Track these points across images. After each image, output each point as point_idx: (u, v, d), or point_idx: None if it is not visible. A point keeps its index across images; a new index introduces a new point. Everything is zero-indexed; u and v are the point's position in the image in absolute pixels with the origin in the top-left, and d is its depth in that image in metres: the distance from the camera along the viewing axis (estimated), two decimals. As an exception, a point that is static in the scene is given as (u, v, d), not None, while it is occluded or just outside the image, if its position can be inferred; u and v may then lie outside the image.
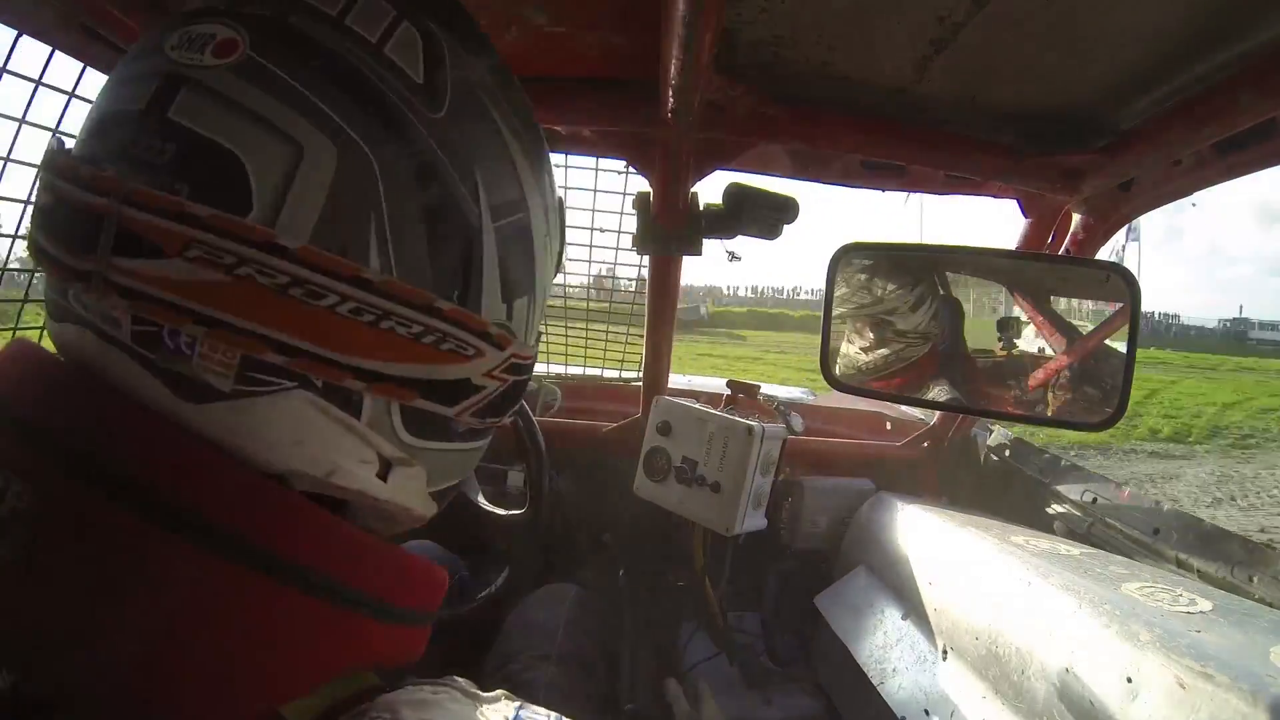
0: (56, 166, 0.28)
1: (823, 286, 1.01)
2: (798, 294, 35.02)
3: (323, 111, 0.27)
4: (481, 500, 1.03)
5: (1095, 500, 1.10)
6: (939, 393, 1.13)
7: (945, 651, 0.89)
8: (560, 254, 0.40)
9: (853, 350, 1.11)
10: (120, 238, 0.26)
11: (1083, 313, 1.09)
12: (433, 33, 0.30)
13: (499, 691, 0.37)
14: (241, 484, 0.27)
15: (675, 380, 1.71)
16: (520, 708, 0.35)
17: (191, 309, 0.26)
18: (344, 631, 0.30)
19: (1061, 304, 1.10)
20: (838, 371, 1.08)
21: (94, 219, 0.26)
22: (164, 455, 0.27)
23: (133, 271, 0.26)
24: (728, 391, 1.17)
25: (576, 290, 1.48)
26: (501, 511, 1.03)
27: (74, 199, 0.27)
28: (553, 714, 0.36)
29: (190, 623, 0.26)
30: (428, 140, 0.28)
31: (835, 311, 1.05)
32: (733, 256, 1.00)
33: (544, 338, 1.64)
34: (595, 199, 1.15)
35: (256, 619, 0.27)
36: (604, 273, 1.39)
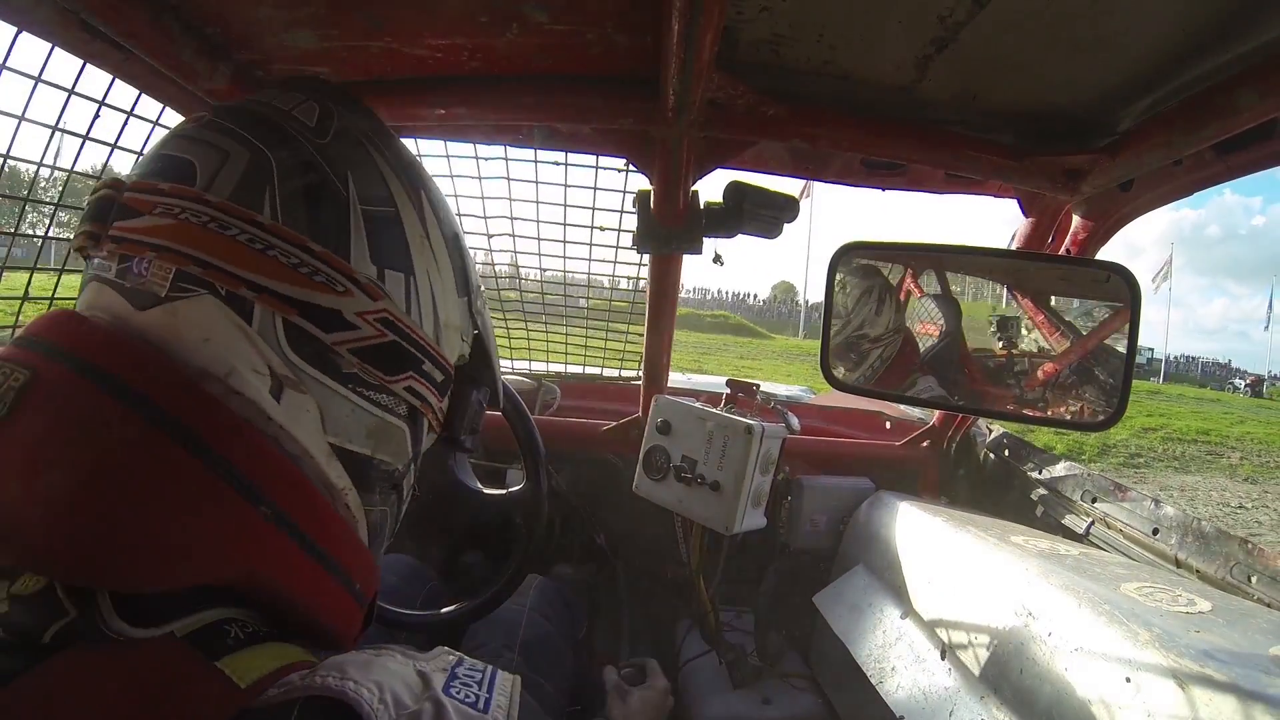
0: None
1: (740, 290, 1.01)
2: (708, 295, 34.13)
3: (242, 135, 0.42)
4: (479, 486, 1.03)
5: (1095, 500, 1.11)
6: (939, 392, 1.13)
7: (944, 651, 0.89)
8: (466, 290, 0.51)
9: (846, 344, 1.11)
10: (120, 211, 0.40)
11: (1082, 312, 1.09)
12: (328, 107, 0.46)
13: (438, 649, 0.43)
14: (173, 373, 0.37)
15: (675, 379, 1.71)
16: (458, 662, 0.42)
17: (150, 243, 0.39)
18: (243, 522, 0.36)
19: (1061, 303, 1.10)
20: (838, 372, 1.08)
21: (108, 201, 0.41)
22: (121, 351, 0.37)
23: (123, 228, 0.40)
24: (727, 390, 1.17)
25: (576, 289, 1.47)
26: (501, 491, 1.03)
27: (98, 195, 0.42)
28: (487, 671, 0.42)
29: (112, 469, 0.34)
30: (311, 152, 0.42)
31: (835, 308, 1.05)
32: (717, 259, 1.00)
33: (545, 337, 1.65)
34: (595, 197, 1.15)
35: (169, 480, 0.35)
36: (603, 271, 1.39)
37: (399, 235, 0.44)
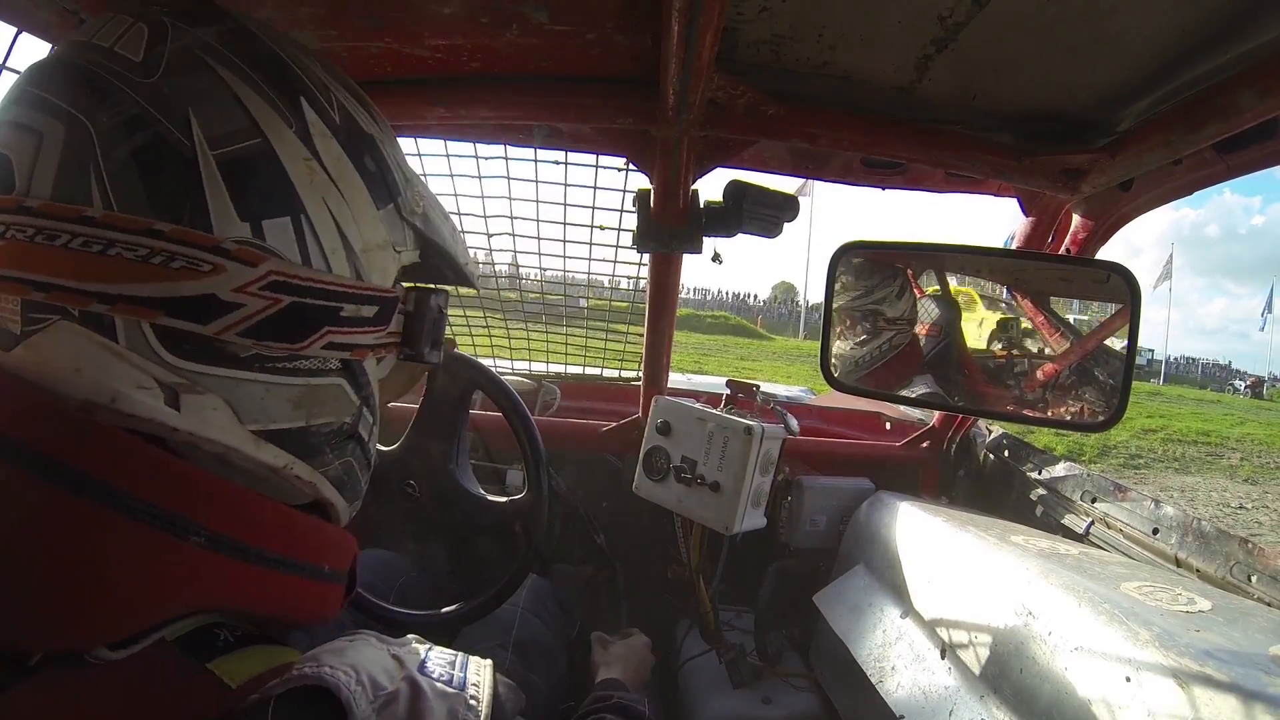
0: None
1: (740, 290, 1.01)
2: (708, 295, 33.28)
3: (53, 103, 0.34)
4: (480, 491, 1.03)
5: (1095, 500, 1.11)
6: (939, 393, 1.13)
7: (944, 651, 0.89)
8: (390, 191, 0.43)
9: (848, 347, 1.11)
10: None
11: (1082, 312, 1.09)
12: (162, 23, 0.37)
13: (410, 636, 0.42)
14: (52, 414, 0.32)
15: (675, 379, 1.71)
16: (429, 648, 0.41)
17: None
18: (175, 558, 0.33)
19: (1061, 304, 1.10)
20: (837, 372, 1.08)
21: None
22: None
23: None
24: (727, 391, 1.17)
25: (576, 289, 1.47)
26: (503, 499, 1.03)
27: None
28: (459, 654, 0.41)
29: (29, 543, 0.31)
30: (135, 99, 0.34)
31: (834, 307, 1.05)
32: (716, 258, 1.00)
33: (545, 337, 1.65)
34: (595, 197, 1.15)
35: (90, 541, 0.31)
36: (603, 271, 1.39)
37: (273, 171, 0.36)
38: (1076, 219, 0.98)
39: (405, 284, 0.46)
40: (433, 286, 0.47)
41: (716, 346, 17.28)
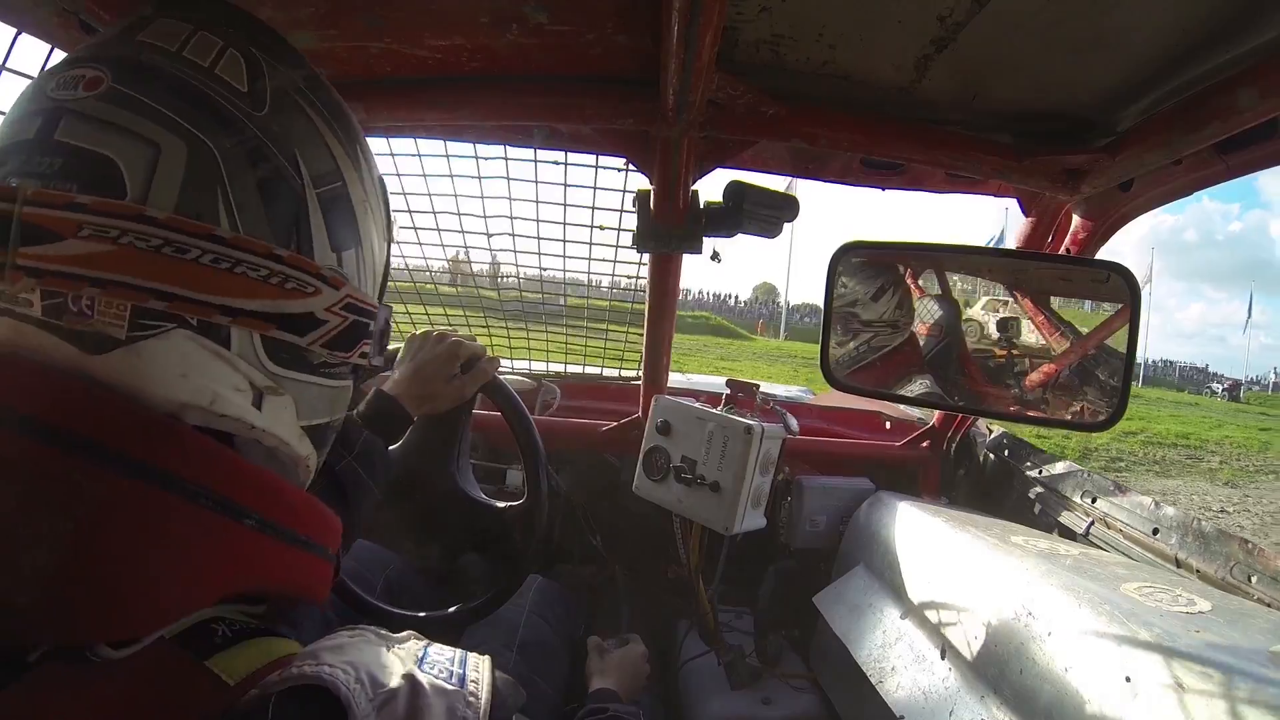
0: None
1: (721, 291, 1.01)
2: (689, 295, 31.97)
3: (170, 118, 0.35)
4: (480, 495, 1.03)
5: (1095, 500, 1.11)
6: (939, 392, 1.13)
7: (944, 651, 0.89)
8: (387, 223, 0.49)
9: (848, 347, 1.11)
10: (25, 231, 0.33)
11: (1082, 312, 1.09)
12: (253, 55, 0.39)
13: (408, 632, 0.44)
14: (137, 417, 0.34)
15: (675, 379, 1.71)
16: (427, 645, 0.43)
17: (88, 275, 0.33)
18: (232, 540, 0.36)
19: (1061, 304, 1.10)
20: (837, 372, 1.08)
21: (3, 222, 0.33)
22: (69, 400, 0.33)
23: (38, 255, 0.33)
24: (727, 391, 1.17)
25: (576, 289, 1.47)
26: (501, 504, 1.03)
27: None
28: (458, 651, 0.43)
29: (95, 533, 0.32)
30: (254, 131, 0.37)
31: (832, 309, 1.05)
32: (715, 257, 1.00)
33: (545, 337, 1.65)
34: (595, 197, 1.15)
35: (154, 526, 0.33)
36: (603, 271, 1.39)
37: (349, 211, 0.42)
38: (1076, 219, 0.98)
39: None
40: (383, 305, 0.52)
41: (697, 346, 17.25)
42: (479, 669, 0.42)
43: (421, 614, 1.01)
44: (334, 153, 0.41)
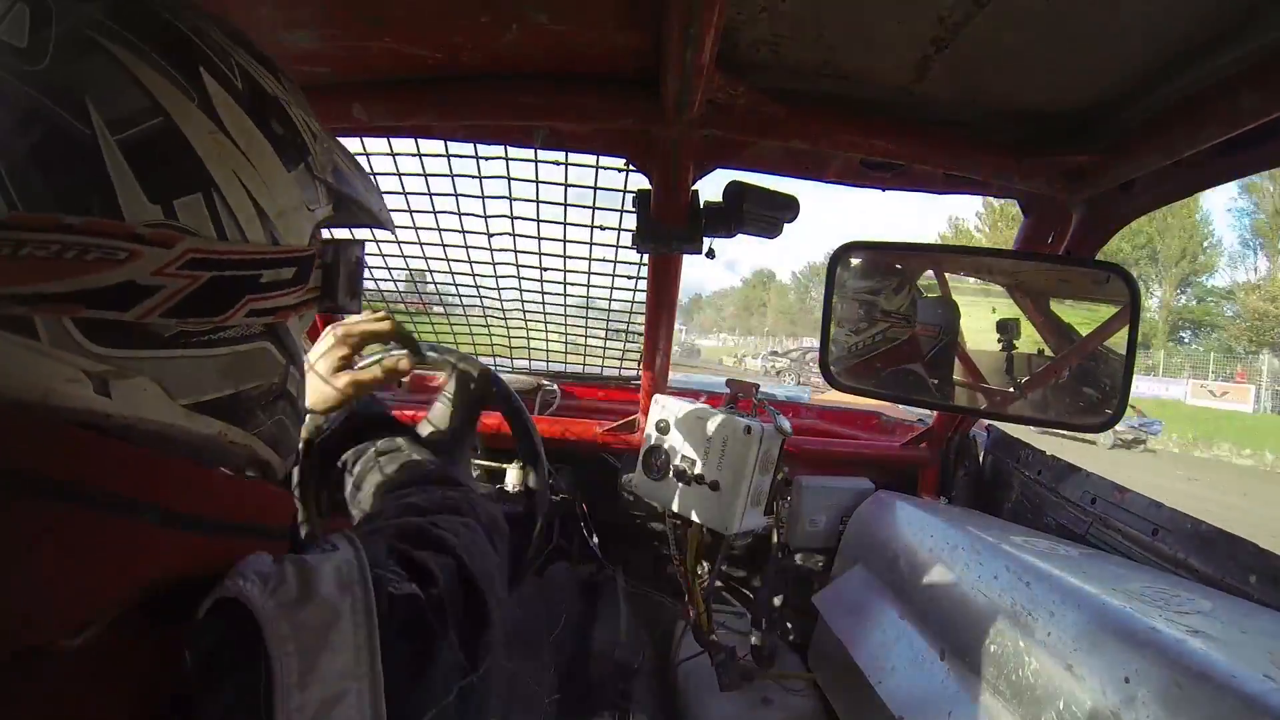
0: None
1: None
2: None
3: None
4: (480, 493, 1.03)
5: (1095, 500, 1.10)
6: (939, 393, 1.13)
7: (944, 651, 0.89)
8: (301, 150, 0.42)
9: (843, 336, 1.11)
10: None
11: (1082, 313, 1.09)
12: (42, 1, 0.34)
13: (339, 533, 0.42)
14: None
15: (675, 379, 1.71)
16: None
17: None
18: (132, 538, 0.34)
19: (1061, 304, 1.10)
20: (837, 371, 1.08)
21: None
22: None
23: None
24: (727, 391, 1.17)
25: (576, 289, 1.47)
26: (501, 501, 1.02)
27: None
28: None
29: None
30: (25, 91, 0.33)
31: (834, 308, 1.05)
32: (710, 254, 1.00)
33: (544, 337, 1.64)
34: (595, 197, 1.15)
35: (24, 533, 0.31)
36: (604, 271, 1.39)
37: (179, 148, 0.36)
38: (1076, 219, 0.98)
39: (323, 238, 0.47)
40: (351, 239, 0.48)
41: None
42: (347, 540, 0.42)
43: None
44: (148, 85, 0.35)
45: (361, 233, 0.94)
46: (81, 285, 0.33)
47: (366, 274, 1.08)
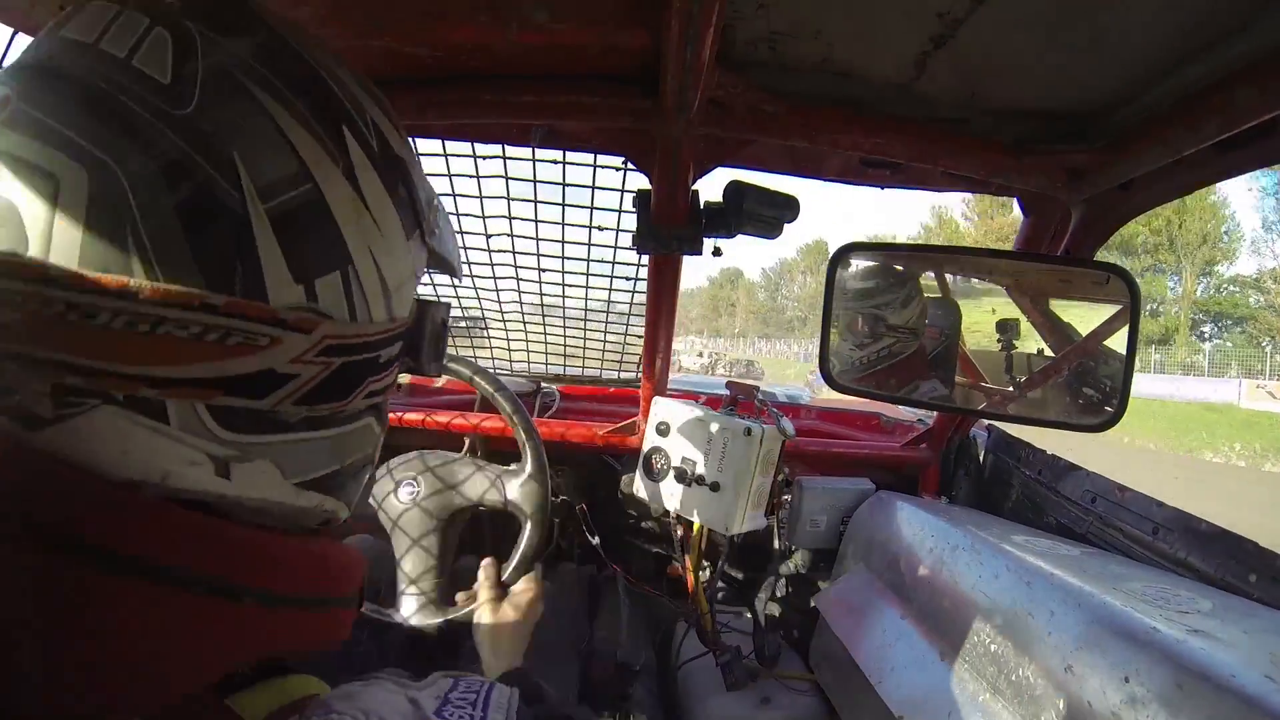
0: None
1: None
2: None
3: (71, 140, 0.28)
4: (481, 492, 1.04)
5: (1095, 500, 1.10)
6: (939, 393, 1.13)
7: (944, 651, 0.89)
8: (416, 216, 0.39)
9: (847, 349, 1.11)
10: None
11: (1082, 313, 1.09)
12: (185, 30, 0.31)
13: (436, 674, 0.41)
14: (92, 497, 0.29)
15: (675, 380, 1.71)
16: (452, 686, 0.39)
17: (1, 350, 0.28)
18: (229, 620, 0.32)
19: (1061, 304, 1.10)
20: (836, 372, 1.08)
21: None
22: (23, 486, 0.28)
23: None
24: (728, 392, 1.17)
25: (575, 290, 1.47)
26: (503, 501, 1.03)
27: None
28: (484, 687, 0.39)
29: (63, 625, 0.27)
30: (173, 140, 0.29)
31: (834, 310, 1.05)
32: (716, 252, 1.00)
33: (544, 338, 1.64)
34: (594, 197, 1.15)
35: (128, 616, 0.29)
36: (603, 271, 1.39)
37: (325, 222, 0.33)
38: (1076, 218, 0.98)
39: None
40: (435, 300, 0.45)
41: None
42: (501, 708, 0.40)
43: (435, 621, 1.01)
44: (298, 146, 0.32)
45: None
46: (219, 371, 0.30)
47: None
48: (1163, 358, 22.95)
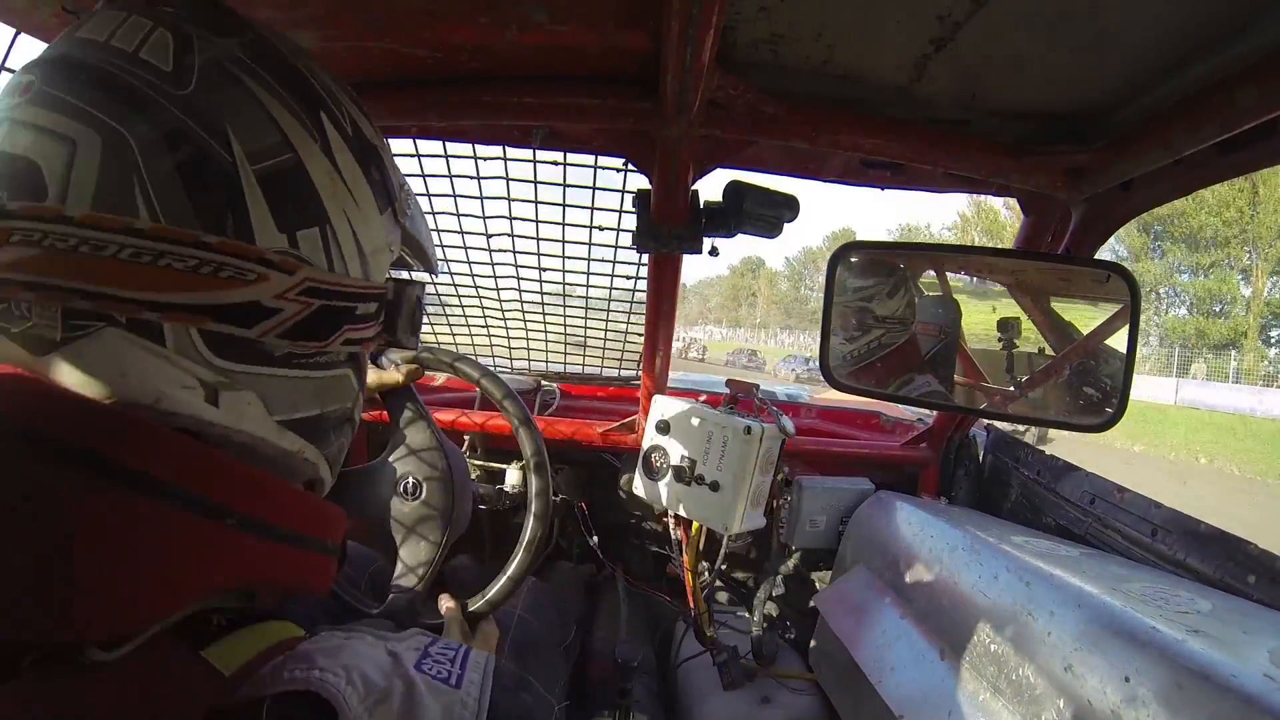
0: None
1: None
2: None
3: (86, 110, 0.34)
4: (481, 492, 1.03)
5: (1094, 500, 1.10)
6: (939, 393, 1.13)
7: (944, 651, 0.89)
8: (389, 195, 0.45)
9: (839, 343, 1.11)
10: None
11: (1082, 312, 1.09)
12: (184, 30, 0.37)
13: (413, 629, 0.43)
14: (95, 416, 0.33)
15: (675, 379, 1.71)
16: (431, 641, 0.42)
17: (20, 280, 0.33)
18: (210, 540, 0.35)
19: (1061, 303, 1.10)
20: (836, 371, 1.08)
21: None
22: (36, 404, 0.33)
23: None
24: (727, 391, 1.17)
25: (576, 289, 1.47)
26: (503, 501, 1.02)
27: None
28: (461, 648, 0.42)
29: (78, 538, 0.31)
30: (174, 113, 0.35)
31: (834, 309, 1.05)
32: (713, 251, 1.00)
33: (544, 337, 1.65)
34: (594, 197, 1.15)
35: (123, 526, 0.32)
36: (603, 271, 1.39)
37: (305, 185, 0.39)
38: (1076, 219, 0.98)
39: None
40: (410, 279, 0.50)
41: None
42: (479, 668, 0.42)
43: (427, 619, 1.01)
44: (281, 123, 0.38)
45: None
46: (213, 300, 0.36)
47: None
48: (1237, 366, 20.05)
